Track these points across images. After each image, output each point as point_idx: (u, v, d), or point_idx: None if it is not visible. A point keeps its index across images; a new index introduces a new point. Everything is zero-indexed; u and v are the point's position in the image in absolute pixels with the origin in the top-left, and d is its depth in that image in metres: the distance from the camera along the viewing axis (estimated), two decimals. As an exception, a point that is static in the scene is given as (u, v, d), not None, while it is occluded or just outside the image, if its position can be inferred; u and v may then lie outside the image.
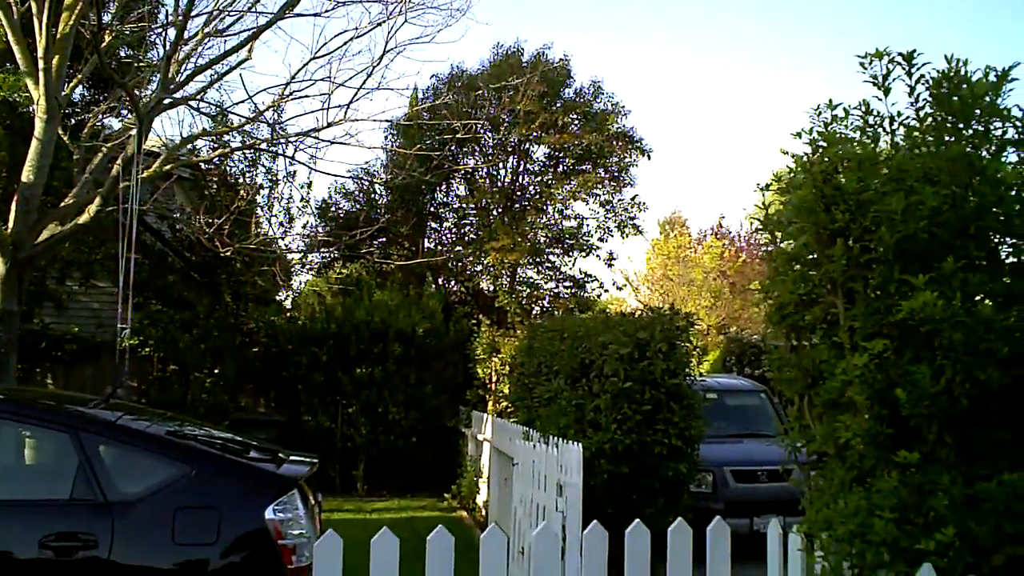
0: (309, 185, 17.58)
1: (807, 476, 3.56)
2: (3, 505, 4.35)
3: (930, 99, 3.27)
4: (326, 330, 13.45)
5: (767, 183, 3.80)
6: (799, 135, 3.55)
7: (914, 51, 3.27)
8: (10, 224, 9.02)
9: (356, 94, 10.16)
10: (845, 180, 3.28)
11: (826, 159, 3.39)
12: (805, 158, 3.48)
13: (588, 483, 5.94)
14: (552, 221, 17.99)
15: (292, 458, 5.12)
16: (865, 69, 3.37)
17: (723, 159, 56.78)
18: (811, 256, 3.47)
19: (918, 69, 3.27)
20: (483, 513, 10.54)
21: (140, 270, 11.14)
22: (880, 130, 3.43)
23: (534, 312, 17.25)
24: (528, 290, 17.95)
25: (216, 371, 13.03)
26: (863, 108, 3.44)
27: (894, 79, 3.33)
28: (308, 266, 17.04)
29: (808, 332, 3.56)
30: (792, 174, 3.58)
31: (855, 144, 3.44)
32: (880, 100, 3.40)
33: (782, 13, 48.53)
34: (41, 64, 8.74)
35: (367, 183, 17.05)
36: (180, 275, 13.78)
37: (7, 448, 5.05)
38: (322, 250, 16.62)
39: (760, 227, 3.83)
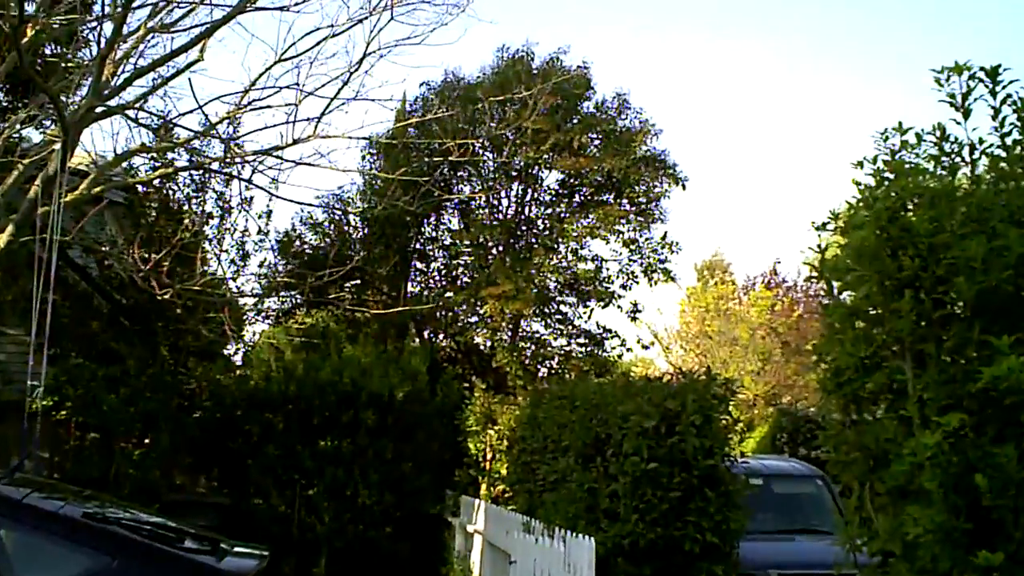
0: (268, 214, 17.57)
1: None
2: None
3: (1018, 123, 3.33)
4: (284, 392, 13.46)
5: (823, 221, 3.84)
6: (861, 164, 3.60)
7: (999, 66, 3.33)
8: (-98, 255, 9.09)
9: (329, 105, 10.29)
10: (915, 219, 3.32)
11: (893, 194, 3.43)
12: (868, 192, 3.53)
13: (602, 587, 5.93)
14: (564, 263, 18.07)
15: (237, 549, 5.12)
16: (941, 87, 3.43)
17: (778, 191, 57.04)
18: (874, 311, 3.50)
19: (1004, 87, 3.32)
20: (472, 623, 10.47)
21: (59, 315, 11.19)
22: (958, 159, 3.48)
23: (540, 374, 17.26)
24: (533, 347, 17.98)
25: (147, 441, 13.00)
26: (938, 133, 3.50)
27: (975, 99, 3.38)
28: (264, 313, 17.14)
29: (870, 403, 3.59)
30: (853, 211, 3.62)
31: (928, 176, 3.48)
32: (959, 124, 3.45)
33: (855, 9, 49.03)
34: (-53, 63, 8.89)
35: (339, 213, 17.19)
36: (107, 321, 13.82)
37: None
38: (282, 294, 16.71)
39: (815, 275, 3.87)
